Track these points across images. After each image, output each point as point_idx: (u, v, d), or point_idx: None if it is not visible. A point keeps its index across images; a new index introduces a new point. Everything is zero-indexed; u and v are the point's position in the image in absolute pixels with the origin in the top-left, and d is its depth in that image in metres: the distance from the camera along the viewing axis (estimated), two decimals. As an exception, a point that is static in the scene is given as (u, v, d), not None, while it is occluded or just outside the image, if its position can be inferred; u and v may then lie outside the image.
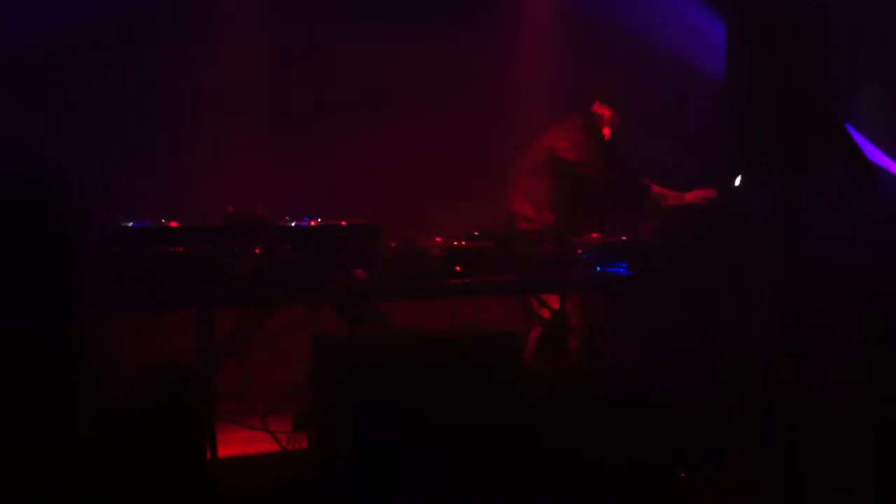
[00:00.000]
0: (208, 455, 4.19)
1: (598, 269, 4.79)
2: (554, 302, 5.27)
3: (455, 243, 4.49)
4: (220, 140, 6.33)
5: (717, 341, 4.81)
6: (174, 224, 4.07)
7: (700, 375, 4.66)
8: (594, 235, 4.97)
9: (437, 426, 3.81)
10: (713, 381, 4.68)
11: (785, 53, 4.52)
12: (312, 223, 4.26)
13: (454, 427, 3.81)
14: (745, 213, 5.04)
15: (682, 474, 4.42)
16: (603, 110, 5.78)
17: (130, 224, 4.00)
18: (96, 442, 3.76)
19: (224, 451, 4.47)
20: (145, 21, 6.27)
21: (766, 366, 4.49)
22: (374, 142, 6.53)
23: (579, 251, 4.77)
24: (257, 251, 4.07)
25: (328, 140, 6.52)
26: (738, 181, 5.47)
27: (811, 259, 4.47)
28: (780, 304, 4.33)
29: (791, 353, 4.25)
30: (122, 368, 3.86)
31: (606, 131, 5.82)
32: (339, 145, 6.52)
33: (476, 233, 4.60)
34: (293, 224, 4.22)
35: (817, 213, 4.74)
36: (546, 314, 5.28)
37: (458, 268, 4.42)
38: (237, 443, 4.75)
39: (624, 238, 4.93)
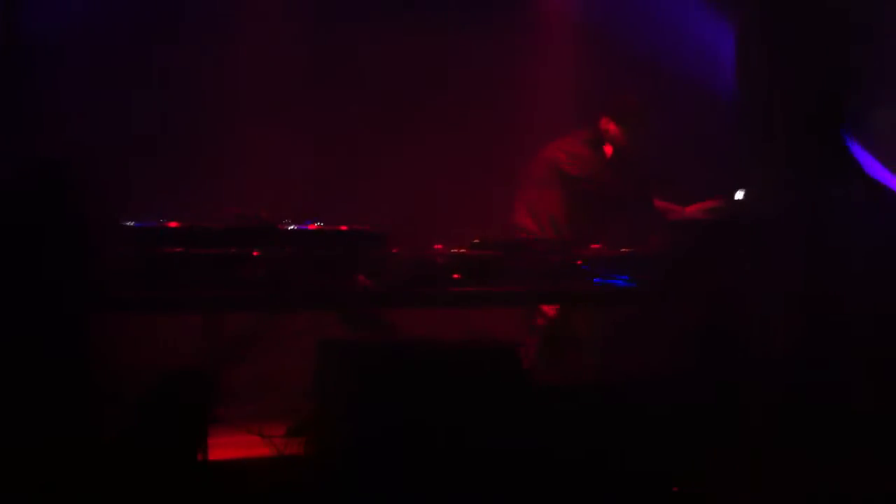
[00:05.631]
0: (200, 457, 4.16)
1: (597, 280, 4.77)
2: (555, 312, 5.26)
3: (457, 251, 4.47)
4: (226, 142, 6.29)
5: (723, 349, 4.80)
6: (177, 225, 4.05)
7: (704, 383, 4.64)
8: (595, 246, 4.96)
9: (438, 436, 3.79)
10: (719, 388, 4.66)
11: (799, 63, 4.53)
12: (314, 227, 4.23)
13: (455, 437, 3.79)
14: (751, 223, 5.04)
15: (675, 489, 4.40)
16: (609, 126, 5.77)
17: (133, 224, 3.97)
18: (94, 441, 3.74)
19: (218, 454, 4.43)
20: (153, 25, 6.24)
21: (780, 372, 4.50)
22: (381, 149, 6.51)
23: (579, 262, 4.76)
24: (259, 254, 4.04)
25: (335, 146, 6.50)
26: (739, 195, 5.48)
27: (829, 267, 4.49)
28: (801, 310, 4.35)
29: (807, 359, 4.27)
30: (124, 370, 3.83)
31: (608, 149, 5.81)
32: (346, 151, 6.50)
33: (477, 240, 4.58)
34: (296, 228, 4.19)
35: (833, 224, 4.76)
36: (547, 324, 5.28)
37: (455, 276, 4.40)
38: (232, 446, 4.70)
39: (625, 250, 4.92)
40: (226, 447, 4.60)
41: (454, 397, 3.84)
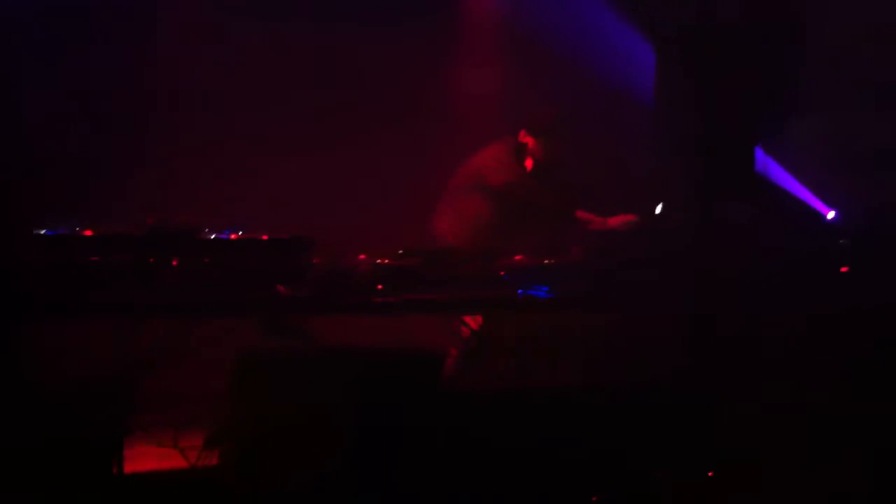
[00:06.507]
0: (115, 470, 4.08)
1: (520, 291, 4.80)
2: (477, 322, 5.26)
3: (380, 261, 4.46)
4: (145, 147, 6.19)
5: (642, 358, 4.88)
6: (90, 233, 3.96)
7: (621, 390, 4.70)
8: (517, 257, 4.99)
9: (358, 445, 3.78)
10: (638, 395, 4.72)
11: (713, 88, 4.64)
12: (233, 236, 4.18)
13: (376, 445, 3.79)
14: (668, 236, 5.14)
15: (594, 499, 4.44)
16: (528, 139, 5.81)
17: (44, 232, 3.88)
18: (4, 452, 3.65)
19: (133, 466, 4.35)
20: (65, 26, 6.10)
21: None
22: (305, 156, 6.46)
23: (502, 272, 4.78)
24: (178, 263, 3.98)
25: (260, 152, 6.43)
26: (658, 209, 5.57)
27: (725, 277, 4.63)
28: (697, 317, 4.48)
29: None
30: (32, 378, 3.75)
31: (529, 162, 5.84)
32: (270, 158, 6.43)
33: (401, 251, 4.57)
34: (216, 236, 4.14)
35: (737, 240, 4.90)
36: (469, 334, 5.27)
37: (379, 286, 4.39)
38: (148, 458, 4.62)
39: (547, 261, 4.96)
40: (141, 459, 4.52)
41: (375, 405, 3.83)
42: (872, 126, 6.23)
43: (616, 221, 5.76)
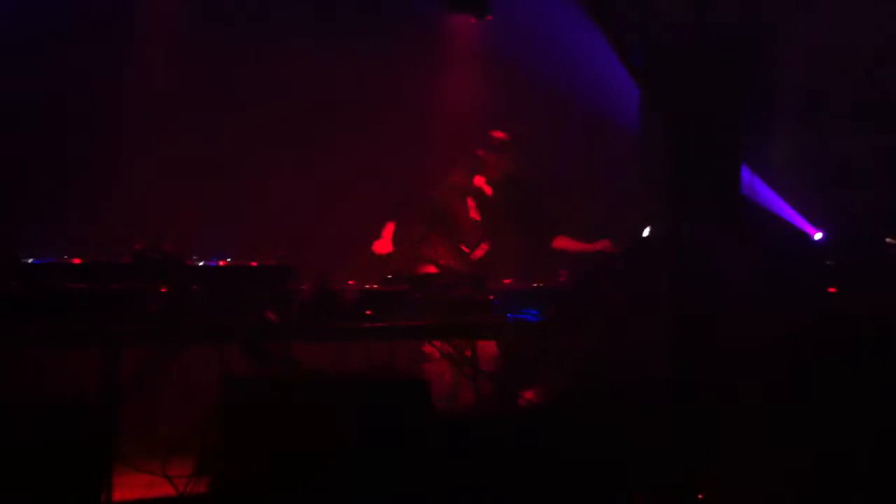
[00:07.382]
0: (103, 498, 4.05)
1: (510, 315, 4.80)
2: (467, 346, 5.25)
3: (368, 286, 4.46)
4: (135, 175, 6.16)
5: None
6: (78, 261, 3.97)
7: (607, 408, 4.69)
8: (507, 281, 4.99)
9: (346, 471, 3.76)
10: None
11: (695, 109, 4.69)
12: (221, 263, 4.18)
13: (364, 471, 3.78)
14: (652, 256, 5.17)
15: None
16: (487, 156, 5.78)
17: (32, 261, 3.89)
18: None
19: (122, 494, 4.33)
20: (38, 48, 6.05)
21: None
22: (291, 182, 6.44)
23: (491, 297, 4.77)
24: (164, 290, 3.99)
25: (246, 178, 6.40)
26: (646, 232, 5.58)
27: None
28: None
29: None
30: (20, 404, 3.73)
31: (480, 178, 5.80)
32: (258, 184, 6.40)
33: (390, 276, 4.57)
34: (202, 263, 4.14)
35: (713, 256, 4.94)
36: (459, 358, 5.26)
37: (368, 311, 4.38)
38: (137, 486, 4.60)
39: (536, 284, 4.96)
40: (130, 487, 4.51)
41: (361, 432, 3.82)
42: (855, 145, 6.27)
43: (602, 245, 5.74)
